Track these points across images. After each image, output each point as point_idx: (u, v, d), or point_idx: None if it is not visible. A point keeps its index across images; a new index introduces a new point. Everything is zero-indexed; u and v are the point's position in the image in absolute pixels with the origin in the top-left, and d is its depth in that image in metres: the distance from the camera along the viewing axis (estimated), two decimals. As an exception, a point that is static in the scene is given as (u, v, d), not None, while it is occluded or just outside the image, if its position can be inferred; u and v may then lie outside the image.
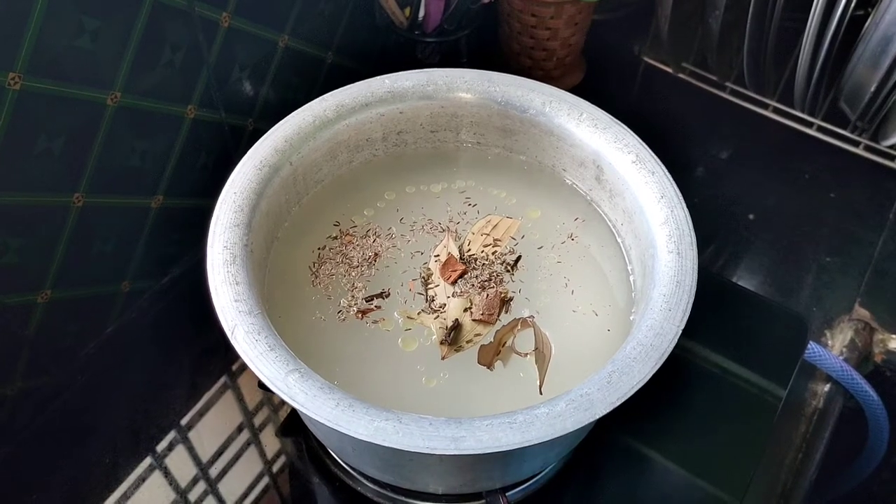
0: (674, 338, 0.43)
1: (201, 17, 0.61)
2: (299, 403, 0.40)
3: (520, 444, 0.39)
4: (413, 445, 0.39)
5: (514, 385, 0.48)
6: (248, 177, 0.51)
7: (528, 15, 0.78)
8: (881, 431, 0.72)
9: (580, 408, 0.40)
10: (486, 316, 0.50)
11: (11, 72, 0.49)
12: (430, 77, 0.58)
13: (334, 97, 0.56)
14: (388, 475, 0.52)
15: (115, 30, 0.54)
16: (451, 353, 0.49)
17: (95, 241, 0.61)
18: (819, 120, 0.78)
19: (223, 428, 0.61)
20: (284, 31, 0.70)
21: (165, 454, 0.60)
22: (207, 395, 0.63)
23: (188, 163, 0.67)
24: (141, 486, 0.58)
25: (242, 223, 0.48)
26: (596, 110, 0.55)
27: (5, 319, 0.57)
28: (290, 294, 0.52)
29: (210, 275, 0.45)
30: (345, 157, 0.58)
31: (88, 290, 0.63)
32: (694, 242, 0.48)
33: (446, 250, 0.54)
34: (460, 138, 0.61)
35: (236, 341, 0.42)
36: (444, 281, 0.52)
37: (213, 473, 0.59)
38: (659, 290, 0.46)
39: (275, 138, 0.53)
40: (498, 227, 0.56)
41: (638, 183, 0.52)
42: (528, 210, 0.58)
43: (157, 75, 0.60)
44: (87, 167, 0.57)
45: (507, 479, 0.53)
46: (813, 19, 0.67)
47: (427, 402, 0.47)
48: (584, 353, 0.50)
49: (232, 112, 0.69)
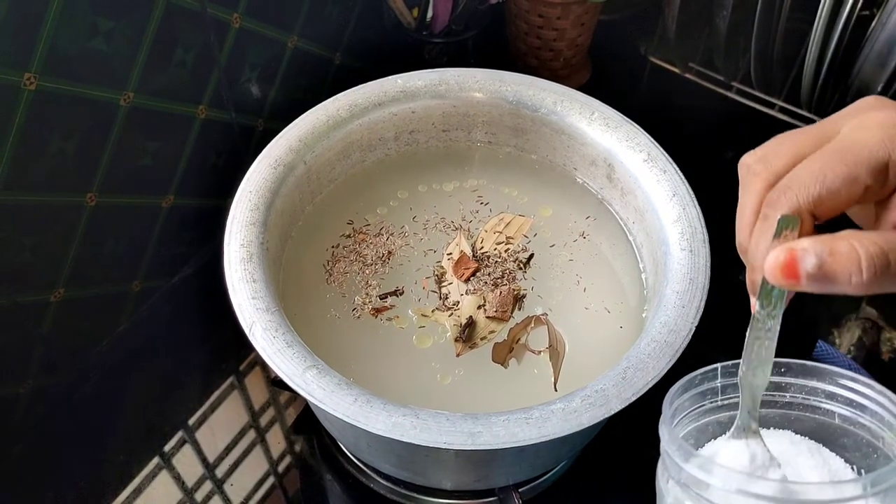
0: (688, 334, 0.44)
1: (213, 17, 0.61)
2: (318, 399, 0.40)
3: (536, 440, 0.39)
4: (430, 440, 0.39)
5: (528, 382, 0.49)
6: (264, 175, 0.51)
7: (534, 15, 0.78)
8: (888, 429, 0.72)
9: (595, 403, 0.41)
10: (500, 313, 0.51)
11: (27, 72, 0.49)
12: (442, 77, 0.58)
13: (347, 97, 0.56)
14: (403, 471, 0.52)
15: (128, 31, 0.55)
16: (466, 350, 0.49)
17: (108, 240, 0.62)
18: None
19: (234, 425, 0.62)
20: (293, 32, 0.71)
21: (176, 451, 0.60)
22: (217, 392, 0.64)
23: (199, 163, 0.67)
24: (152, 482, 0.58)
25: (258, 221, 0.49)
26: (607, 109, 0.56)
27: (19, 318, 0.57)
28: (304, 292, 0.52)
29: (227, 272, 0.46)
30: (358, 156, 0.58)
31: (101, 289, 0.63)
32: (706, 240, 0.48)
33: (459, 248, 0.54)
34: (472, 137, 0.61)
35: (255, 338, 0.43)
36: (457, 279, 0.53)
37: (223, 470, 0.59)
38: (672, 287, 0.46)
39: (289, 137, 0.53)
40: (510, 224, 0.56)
41: (649, 181, 0.52)
42: (540, 208, 0.58)
43: (169, 76, 0.60)
44: (99, 167, 0.58)
45: (520, 476, 0.53)
46: (820, 19, 0.68)
47: (442, 398, 0.48)
48: (597, 350, 0.50)
49: (242, 112, 0.70)
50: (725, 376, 0.38)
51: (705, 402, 0.39)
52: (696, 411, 0.39)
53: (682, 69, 0.84)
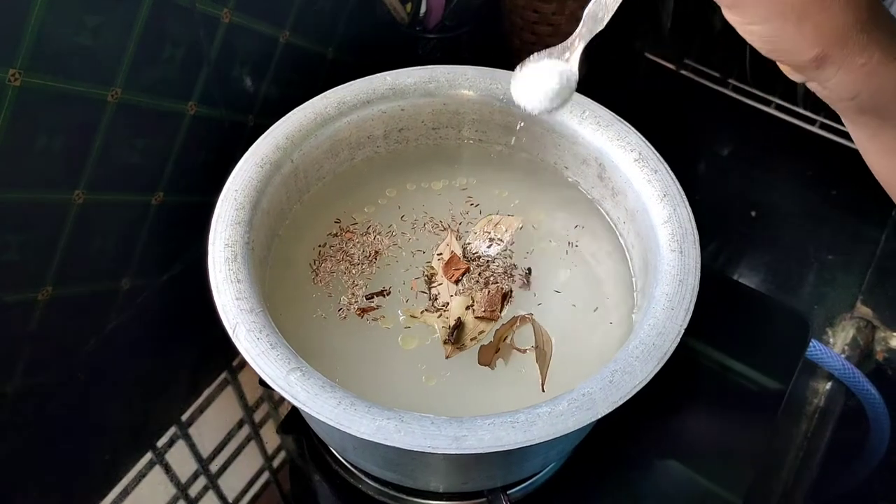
0: (676, 337, 0.43)
1: (202, 12, 0.61)
2: (301, 402, 0.40)
3: (521, 444, 0.39)
4: (414, 444, 0.39)
5: (515, 383, 0.48)
6: (250, 174, 0.50)
7: (530, 11, 0.78)
8: (882, 430, 0.72)
9: (582, 407, 0.40)
10: (489, 312, 0.50)
11: (12, 68, 0.49)
12: (431, 74, 0.57)
13: (336, 94, 0.56)
14: (390, 473, 0.52)
15: (115, 26, 0.54)
16: (456, 353, 0.49)
17: (96, 238, 0.61)
18: (822, 117, 0.78)
19: (223, 424, 0.61)
20: (285, 27, 0.70)
21: (166, 450, 0.60)
22: (208, 391, 0.63)
23: (189, 159, 0.66)
24: (141, 481, 0.58)
25: (244, 220, 0.48)
26: (598, 108, 0.55)
27: (6, 316, 0.57)
28: (290, 292, 0.52)
29: (211, 272, 0.45)
30: (346, 154, 0.58)
31: (89, 287, 0.63)
32: (697, 241, 0.48)
33: (449, 249, 0.54)
34: (462, 135, 0.60)
35: (238, 340, 0.42)
36: (447, 279, 0.52)
37: (213, 469, 0.59)
38: (661, 288, 0.46)
39: (276, 135, 0.53)
40: (500, 225, 0.56)
41: (640, 181, 0.52)
42: (530, 208, 0.57)
43: (157, 72, 0.59)
44: (87, 164, 0.57)
45: (508, 478, 0.53)
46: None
47: (428, 400, 0.47)
48: (585, 351, 0.50)
49: (232, 108, 0.69)
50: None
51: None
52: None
53: (677, 65, 0.83)
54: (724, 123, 0.83)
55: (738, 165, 0.81)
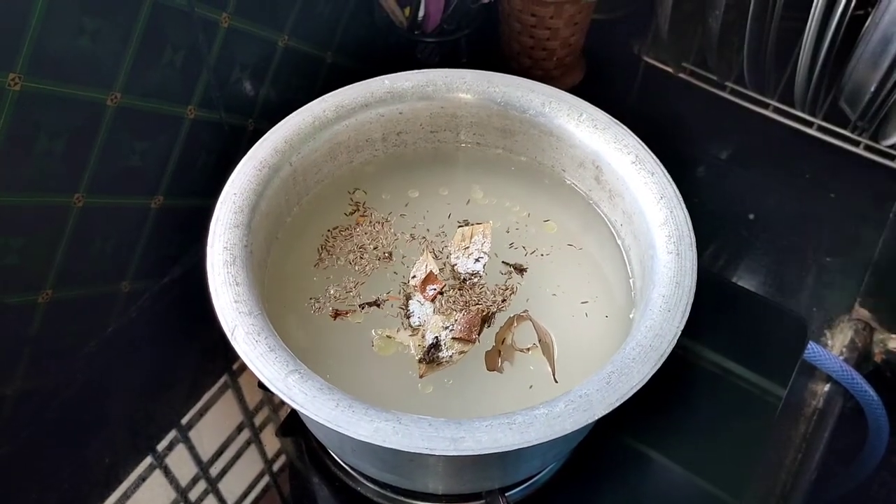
0: (673, 339, 0.43)
1: (201, 17, 0.61)
2: (299, 404, 0.40)
3: (519, 445, 0.39)
4: (412, 446, 0.39)
5: (517, 380, 0.49)
6: (248, 177, 0.51)
7: (527, 15, 0.78)
8: (881, 431, 0.72)
9: (579, 408, 0.40)
10: (466, 334, 0.50)
11: (12, 72, 0.49)
12: (429, 78, 0.58)
13: (334, 98, 0.56)
14: (388, 475, 0.52)
15: (115, 30, 0.55)
16: (429, 372, 0.49)
17: (96, 241, 0.61)
18: (819, 120, 0.78)
19: (223, 427, 0.62)
20: (284, 31, 0.70)
21: (166, 454, 0.60)
22: (208, 394, 0.63)
23: (188, 163, 0.67)
24: (141, 485, 0.58)
25: (242, 224, 0.48)
26: (595, 111, 0.55)
27: (7, 319, 0.57)
28: (289, 295, 0.52)
29: (210, 276, 0.45)
30: (344, 157, 0.58)
31: (89, 290, 0.63)
32: (693, 243, 0.48)
33: (426, 266, 0.53)
34: (460, 139, 0.61)
35: (236, 342, 0.42)
36: (424, 297, 0.52)
37: (213, 473, 0.59)
38: (658, 290, 0.46)
39: (274, 139, 0.53)
40: (474, 236, 0.55)
41: (637, 184, 0.52)
42: (528, 210, 0.58)
43: (157, 76, 0.60)
44: (87, 167, 0.57)
45: (506, 480, 0.53)
46: (813, 19, 0.67)
47: (426, 402, 0.47)
48: (582, 353, 0.50)
49: (232, 112, 0.69)
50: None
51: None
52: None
53: (675, 69, 0.83)
54: (721, 126, 0.83)
55: (735, 168, 0.81)
